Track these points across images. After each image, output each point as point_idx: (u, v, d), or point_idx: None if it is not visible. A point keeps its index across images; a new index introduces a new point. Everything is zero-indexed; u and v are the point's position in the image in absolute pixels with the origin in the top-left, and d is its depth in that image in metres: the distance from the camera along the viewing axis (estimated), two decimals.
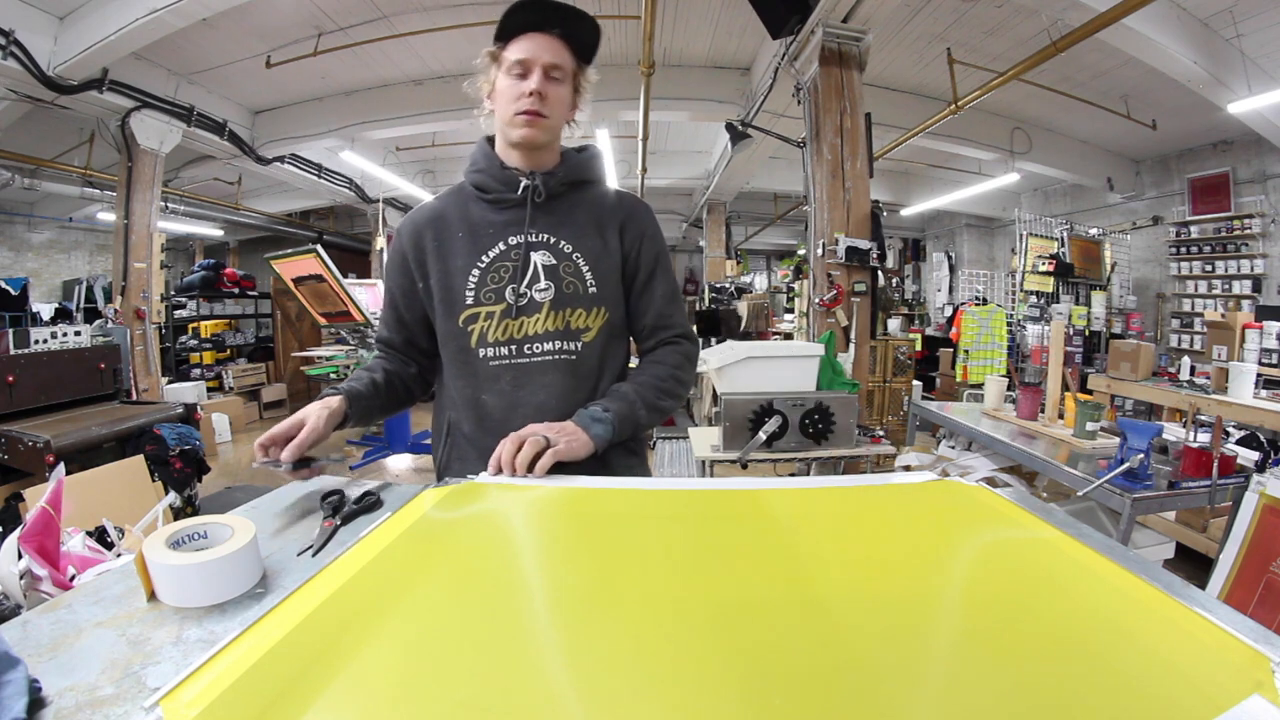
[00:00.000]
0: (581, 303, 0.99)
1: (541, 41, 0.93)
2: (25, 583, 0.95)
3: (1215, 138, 6.02)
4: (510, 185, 0.98)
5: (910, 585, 0.60)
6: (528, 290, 0.97)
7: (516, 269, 0.97)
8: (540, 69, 0.92)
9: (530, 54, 0.92)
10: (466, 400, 1.01)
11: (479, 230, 0.99)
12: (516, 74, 0.93)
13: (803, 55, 3.67)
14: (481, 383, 0.99)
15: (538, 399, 0.98)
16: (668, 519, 0.76)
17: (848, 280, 3.52)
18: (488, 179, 1.00)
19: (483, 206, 1.01)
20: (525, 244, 0.98)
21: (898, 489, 0.87)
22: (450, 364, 1.03)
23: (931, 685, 0.45)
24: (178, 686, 0.43)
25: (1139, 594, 0.57)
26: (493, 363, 0.98)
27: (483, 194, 1.01)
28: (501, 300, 0.97)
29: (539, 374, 0.98)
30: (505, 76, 0.94)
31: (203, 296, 7.20)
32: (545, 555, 0.68)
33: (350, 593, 0.56)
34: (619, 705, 0.41)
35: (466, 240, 0.99)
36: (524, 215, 0.99)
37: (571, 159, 1.04)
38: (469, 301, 0.97)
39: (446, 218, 1.01)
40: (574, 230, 1.01)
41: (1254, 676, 0.43)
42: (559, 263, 0.99)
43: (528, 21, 0.93)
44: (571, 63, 0.96)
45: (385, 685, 0.43)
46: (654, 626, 0.51)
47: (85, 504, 2.06)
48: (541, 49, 0.93)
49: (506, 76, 0.94)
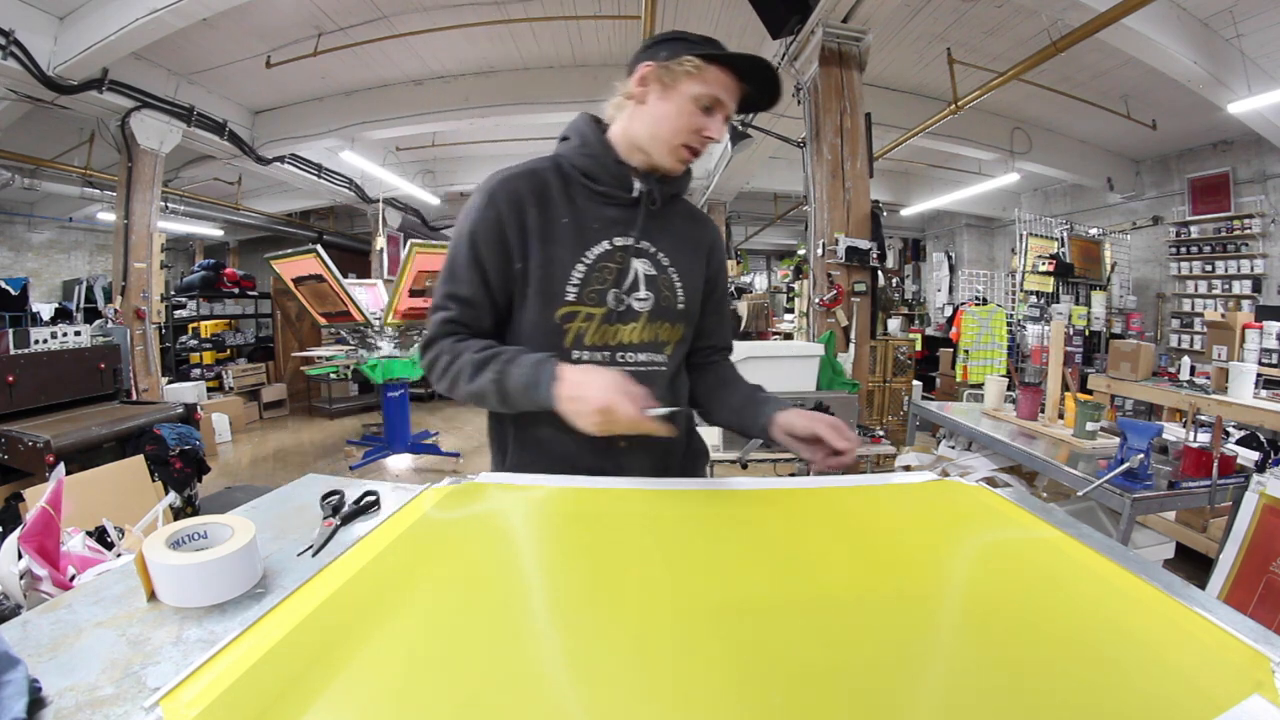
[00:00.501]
0: (670, 317, 0.98)
1: (734, 89, 0.90)
2: (25, 583, 0.95)
3: (1215, 138, 6.02)
4: (623, 183, 0.94)
5: (910, 584, 0.60)
6: (627, 297, 0.94)
7: (620, 272, 0.93)
8: (723, 115, 0.91)
9: (728, 97, 0.90)
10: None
11: (584, 221, 0.93)
12: (703, 106, 0.89)
13: (803, 55, 3.67)
14: None
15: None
16: (667, 519, 0.76)
17: (848, 280, 3.52)
18: (600, 169, 0.94)
19: (587, 196, 0.94)
20: (631, 249, 0.94)
21: (898, 489, 0.87)
22: None
23: (932, 685, 0.45)
24: (178, 686, 0.43)
25: (1139, 594, 0.57)
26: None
27: (590, 182, 0.94)
28: (603, 304, 0.92)
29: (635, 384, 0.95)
30: (688, 99, 0.88)
31: (203, 296, 7.20)
32: (545, 555, 0.68)
33: (350, 593, 0.56)
34: (618, 706, 0.41)
35: (571, 229, 0.92)
36: (632, 217, 0.95)
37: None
38: (569, 298, 0.91)
39: (551, 197, 0.93)
40: (672, 244, 0.99)
41: (1254, 676, 0.44)
42: (658, 274, 0.97)
43: (734, 62, 0.89)
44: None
45: (385, 685, 0.43)
46: (653, 626, 0.51)
47: (85, 504, 2.06)
48: (733, 95, 0.90)
49: (689, 100, 0.88)
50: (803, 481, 0.94)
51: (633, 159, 0.94)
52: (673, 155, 0.92)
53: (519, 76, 5.27)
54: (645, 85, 0.91)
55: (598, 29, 4.65)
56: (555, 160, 0.97)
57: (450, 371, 0.89)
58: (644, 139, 0.92)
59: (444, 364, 0.90)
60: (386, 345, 4.73)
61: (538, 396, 0.82)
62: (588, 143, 0.95)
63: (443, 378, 0.90)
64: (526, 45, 4.86)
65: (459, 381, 0.88)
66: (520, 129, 6.35)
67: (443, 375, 0.90)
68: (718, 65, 0.89)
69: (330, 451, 5.39)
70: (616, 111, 0.96)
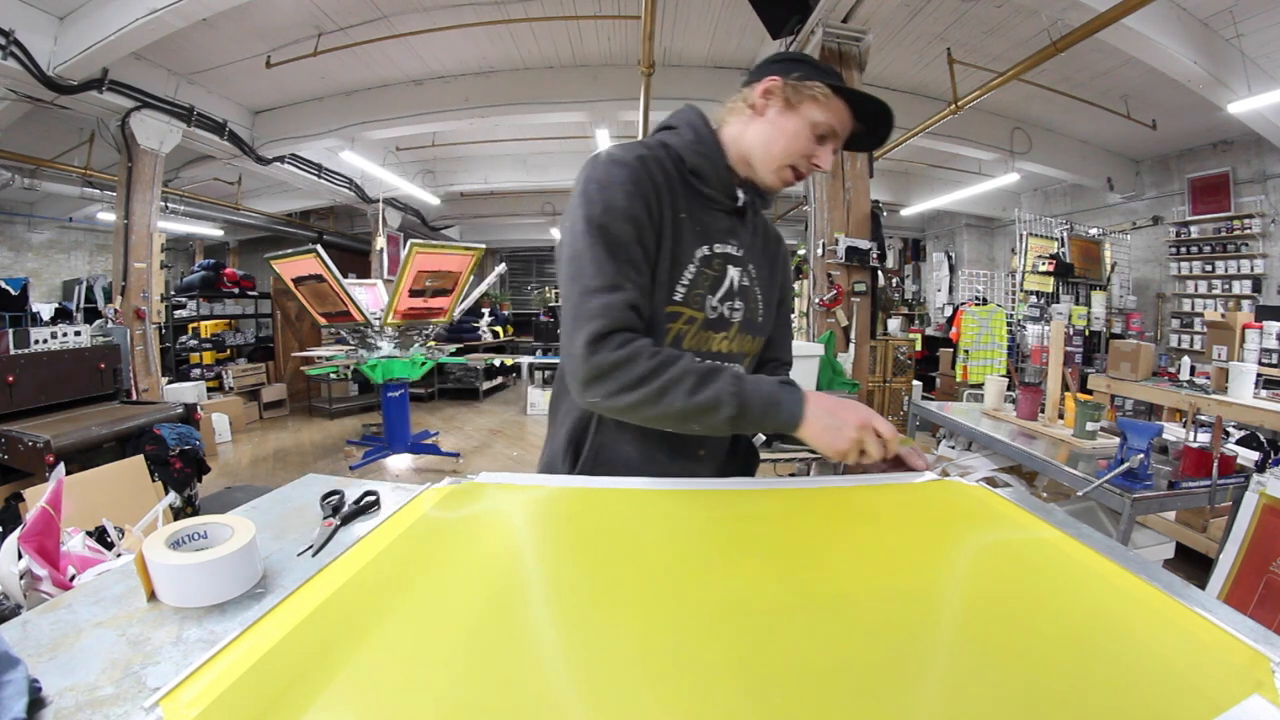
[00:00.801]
0: (755, 330, 0.98)
1: (849, 126, 0.90)
2: (25, 583, 0.96)
3: (1215, 138, 6.02)
4: (727, 190, 0.92)
5: (910, 585, 0.60)
6: (720, 305, 0.92)
7: (717, 279, 0.91)
8: (833, 147, 0.90)
9: (842, 131, 0.89)
10: None
11: (696, 220, 0.90)
12: (819, 134, 0.88)
13: None
14: None
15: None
16: (667, 518, 0.76)
17: (848, 280, 3.52)
18: (709, 169, 0.91)
19: (697, 195, 0.91)
20: (728, 256, 0.92)
21: (898, 488, 0.86)
22: None
23: (932, 685, 0.45)
24: (178, 686, 0.43)
25: (1139, 594, 0.57)
26: None
27: (697, 181, 0.91)
28: (703, 309, 0.90)
29: None
30: (807, 122, 0.87)
31: (203, 296, 7.20)
32: (545, 555, 0.67)
33: (350, 593, 0.56)
34: (619, 706, 0.41)
35: (687, 224, 0.88)
36: (732, 226, 0.94)
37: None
38: (677, 298, 0.88)
39: (674, 187, 0.88)
40: (757, 257, 0.98)
41: (1254, 676, 0.44)
42: (750, 286, 0.96)
43: (859, 100, 0.89)
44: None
45: (385, 685, 0.43)
46: (654, 626, 0.51)
47: (85, 504, 2.06)
48: (846, 131, 0.90)
49: (809, 124, 0.87)
50: (803, 481, 0.94)
51: (738, 168, 0.93)
52: (777, 174, 0.91)
53: (519, 76, 5.27)
54: (768, 98, 0.89)
55: (598, 29, 4.65)
56: (671, 151, 0.90)
57: (662, 377, 0.76)
58: (754, 150, 0.91)
59: (648, 366, 0.77)
60: (386, 345, 4.72)
61: (781, 415, 0.79)
62: (703, 140, 0.91)
63: (643, 383, 0.76)
64: (526, 45, 4.86)
65: (673, 390, 0.76)
66: (520, 129, 6.35)
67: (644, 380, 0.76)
68: (843, 98, 0.88)
69: (330, 451, 5.39)
70: (729, 116, 0.93)
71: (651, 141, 0.91)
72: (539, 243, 13.03)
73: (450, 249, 4.51)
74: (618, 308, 0.78)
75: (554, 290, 12.84)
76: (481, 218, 10.08)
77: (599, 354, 0.77)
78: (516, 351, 9.11)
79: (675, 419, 0.78)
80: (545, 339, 8.70)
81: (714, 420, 0.78)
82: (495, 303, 10.24)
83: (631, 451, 0.91)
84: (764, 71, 0.90)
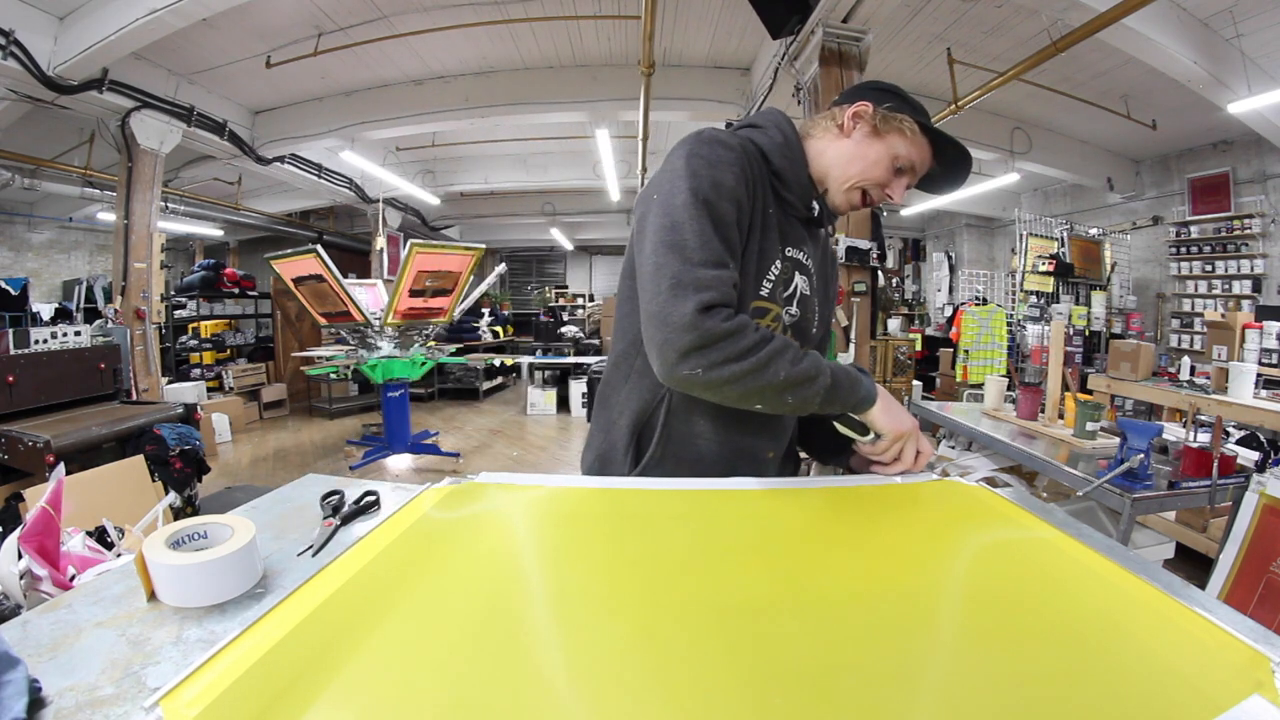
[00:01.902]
0: (806, 339, 0.99)
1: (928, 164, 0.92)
2: (25, 583, 0.96)
3: (1215, 138, 6.02)
4: (805, 197, 0.93)
5: (911, 585, 0.60)
6: (784, 309, 0.93)
7: (787, 282, 0.93)
8: (907, 182, 0.92)
9: (921, 166, 0.91)
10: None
11: (778, 221, 0.91)
12: (898, 165, 0.90)
13: (803, 55, 3.67)
14: None
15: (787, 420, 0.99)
16: (668, 518, 0.76)
17: (848, 280, 3.52)
18: (793, 177, 0.92)
19: (779, 198, 0.92)
20: (797, 262, 0.94)
21: (898, 489, 0.87)
22: None
23: (933, 685, 0.45)
24: (178, 686, 0.43)
25: (1139, 594, 0.57)
26: None
27: (781, 186, 0.91)
28: (786, 307, 0.93)
29: None
30: (889, 153, 0.89)
31: (203, 296, 7.20)
32: (544, 556, 0.67)
33: (350, 593, 0.56)
34: (618, 706, 0.41)
35: (773, 222, 0.90)
36: (803, 234, 0.95)
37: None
38: (763, 293, 0.88)
39: (765, 181, 0.89)
40: (819, 269, 1.00)
41: (1254, 676, 0.44)
42: (810, 295, 0.97)
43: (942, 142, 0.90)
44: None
45: (384, 685, 0.43)
46: (653, 627, 0.51)
47: (85, 504, 2.06)
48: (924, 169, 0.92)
49: (890, 155, 0.89)
50: (803, 481, 0.94)
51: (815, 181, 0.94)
52: (847, 195, 0.92)
53: (519, 76, 5.27)
54: (856, 121, 0.91)
55: (598, 29, 4.64)
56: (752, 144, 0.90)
57: (767, 348, 0.77)
58: (832, 167, 0.92)
59: (755, 339, 0.77)
60: (386, 345, 4.73)
61: (860, 392, 0.84)
62: (791, 147, 0.92)
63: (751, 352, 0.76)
64: (526, 45, 4.86)
65: (778, 360, 0.77)
66: (520, 129, 6.35)
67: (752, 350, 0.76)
68: (928, 137, 0.90)
69: (330, 451, 5.39)
70: (815, 129, 0.95)
71: (740, 134, 0.91)
72: (539, 243, 13.04)
73: (450, 249, 4.51)
74: (726, 283, 0.78)
75: (553, 290, 12.86)
76: (481, 218, 10.08)
77: (710, 322, 0.75)
78: (516, 351, 9.11)
79: (775, 389, 0.78)
80: (545, 339, 8.70)
81: (810, 390, 0.79)
82: (495, 303, 10.24)
83: (704, 448, 0.91)
84: (857, 95, 0.92)
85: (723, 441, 0.92)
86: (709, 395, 0.80)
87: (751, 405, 0.80)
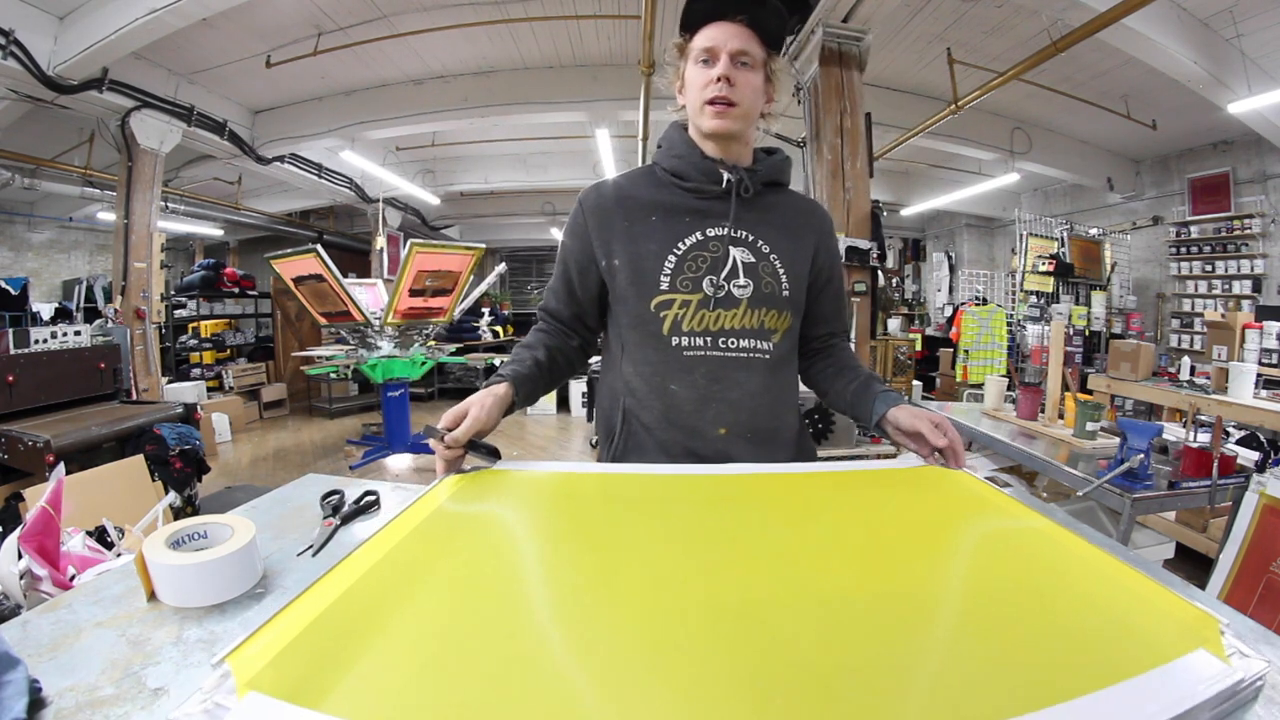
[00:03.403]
0: (775, 304, 0.99)
1: (728, 29, 0.92)
2: (25, 583, 0.95)
3: (1215, 138, 6.02)
4: (711, 177, 0.98)
5: (890, 567, 0.62)
6: (725, 283, 0.96)
7: (716, 260, 0.96)
8: (727, 55, 0.92)
9: (716, 41, 0.92)
10: (653, 388, 0.99)
11: (675, 216, 0.98)
12: (703, 61, 0.94)
13: (803, 55, 3.66)
14: (672, 372, 0.97)
15: (732, 395, 0.97)
16: (675, 502, 0.78)
17: (848, 280, 3.52)
18: (687, 166, 0.98)
19: (678, 193, 0.99)
20: (727, 237, 0.97)
21: (887, 474, 0.90)
22: (635, 349, 1.00)
23: (903, 663, 0.47)
24: (240, 645, 0.45)
25: (1100, 563, 0.62)
26: (687, 353, 0.96)
27: (679, 181, 0.99)
28: (698, 290, 0.95)
29: (736, 369, 0.97)
30: (693, 66, 0.95)
31: (203, 296, 7.20)
32: (551, 546, 0.69)
33: (392, 562, 0.60)
34: (616, 694, 0.42)
35: (660, 224, 0.98)
36: (725, 208, 0.98)
37: (767, 160, 1.04)
38: (663, 287, 0.95)
39: (638, 199, 1.00)
40: (772, 231, 1.01)
41: (1202, 634, 0.48)
42: (758, 261, 0.98)
43: (711, 10, 0.93)
44: (760, 50, 0.94)
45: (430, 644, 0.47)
46: (650, 620, 0.51)
47: (85, 504, 2.06)
48: (728, 35, 0.92)
49: (694, 66, 0.95)
50: (794, 467, 0.95)
51: (707, 149, 0.99)
52: (706, 118, 0.95)
53: (519, 76, 5.27)
54: (676, 78, 1.00)
55: (598, 29, 4.64)
56: (650, 168, 1.05)
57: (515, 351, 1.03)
58: (691, 121, 0.99)
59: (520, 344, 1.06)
60: (386, 345, 4.73)
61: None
62: (673, 145, 1.01)
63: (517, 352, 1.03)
64: (526, 45, 4.85)
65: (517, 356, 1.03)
66: (520, 129, 6.35)
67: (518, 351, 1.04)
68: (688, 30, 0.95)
69: (330, 451, 5.39)
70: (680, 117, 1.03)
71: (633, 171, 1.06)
72: (539, 242, 13.01)
73: (450, 249, 4.51)
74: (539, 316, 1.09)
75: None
76: (481, 217, 10.08)
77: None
78: None
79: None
80: None
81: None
82: (495, 302, 10.23)
83: (657, 433, 1.00)
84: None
85: (668, 425, 0.99)
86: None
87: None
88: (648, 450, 0.99)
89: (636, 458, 1.00)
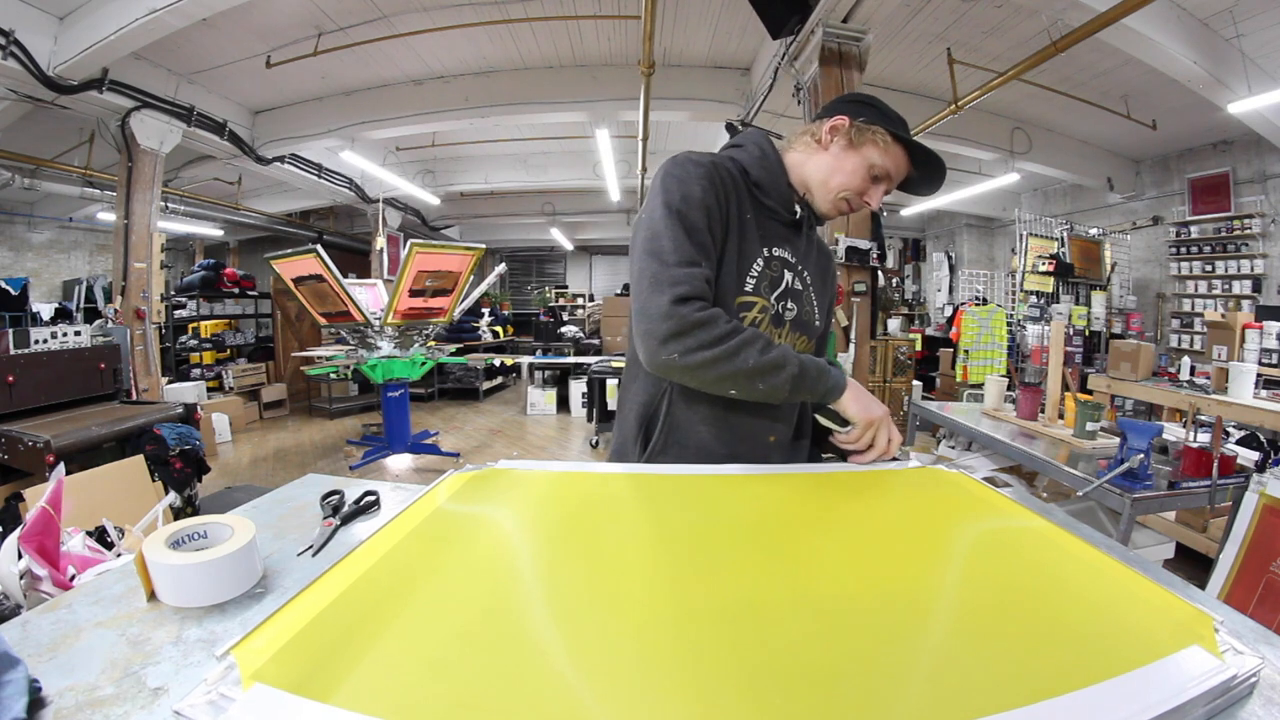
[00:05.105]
0: (808, 332, 1.06)
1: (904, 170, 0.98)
2: (25, 583, 0.96)
3: (1215, 138, 6.02)
4: (786, 203, 1.01)
5: (894, 568, 0.62)
6: (777, 303, 1.00)
7: (775, 279, 1.00)
8: (885, 188, 0.99)
9: (896, 175, 0.97)
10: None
11: (760, 224, 0.99)
12: (873, 174, 0.97)
13: (803, 55, 3.67)
14: None
15: (781, 407, 1.00)
16: (667, 504, 0.79)
17: (848, 280, 3.52)
18: (771, 184, 1.00)
19: (757, 204, 1.00)
20: (785, 261, 1.01)
21: (885, 474, 0.91)
22: None
23: (897, 660, 0.47)
24: (245, 639, 0.47)
25: (1097, 562, 0.62)
26: None
27: (759, 193, 1.00)
28: (770, 302, 0.99)
29: None
30: (865, 163, 0.96)
31: (203, 296, 7.20)
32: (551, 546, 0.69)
33: (395, 559, 0.61)
34: (614, 694, 0.42)
35: (753, 226, 0.98)
36: (789, 234, 1.02)
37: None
38: (748, 288, 0.96)
39: (744, 191, 0.98)
40: (811, 267, 1.07)
41: (1197, 631, 0.48)
42: (803, 290, 1.04)
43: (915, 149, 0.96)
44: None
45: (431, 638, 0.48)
46: (650, 619, 0.51)
47: (85, 504, 2.06)
48: (901, 175, 0.98)
49: (866, 165, 0.96)
50: (792, 468, 0.96)
51: (797, 189, 1.02)
52: (833, 204, 1.00)
53: (519, 76, 5.27)
54: (833, 135, 0.98)
55: (598, 29, 4.64)
56: (737, 166, 1.00)
57: (737, 337, 0.85)
58: (813, 179, 1.00)
59: (726, 329, 0.85)
60: (386, 345, 4.72)
61: (829, 382, 0.91)
62: (768, 159, 1.01)
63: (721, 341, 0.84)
64: (526, 45, 4.86)
65: (746, 349, 0.84)
66: (520, 129, 6.35)
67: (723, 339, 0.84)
68: (902, 146, 0.96)
69: (330, 451, 5.39)
70: (795, 142, 1.04)
71: (719, 154, 1.02)
72: (539, 243, 13.04)
73: (450, 249, 4.51)
74: (698, 279, 0.87)
75: (554, 290, 12.86)
76: (481, 217, 10.08)
77: (683, 310, 0.84)
78: (516, 351, 9.11)
79: (745, 376, 0.85)
80: (545, 339, 8.70)
81: (778, 379, 0.86)
82: (495, 303, 10.24)
83: (705, 433, 0.97)
84: (834, 110, 1.00)
85: (721, 426, 0.97)
86: (689, 380, 0.89)
87: (726, 390, 0.88)
88: (688, 449, 0.96)
89: (676, 455, 0.96)
